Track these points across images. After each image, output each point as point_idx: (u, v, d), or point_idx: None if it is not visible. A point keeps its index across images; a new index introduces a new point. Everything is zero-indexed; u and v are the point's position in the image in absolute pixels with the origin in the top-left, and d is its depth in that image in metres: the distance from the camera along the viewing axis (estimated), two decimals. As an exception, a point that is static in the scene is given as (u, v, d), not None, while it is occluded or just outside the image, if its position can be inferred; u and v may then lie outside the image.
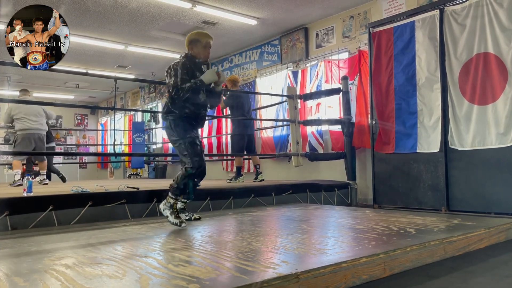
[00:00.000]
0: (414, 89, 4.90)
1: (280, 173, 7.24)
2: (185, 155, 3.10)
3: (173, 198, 3.11)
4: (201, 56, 3.22)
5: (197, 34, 3.24)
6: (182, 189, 3.11)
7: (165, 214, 3.10)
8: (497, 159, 4.16)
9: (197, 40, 3.20)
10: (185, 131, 3.14)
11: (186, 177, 3.09)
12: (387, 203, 5.13)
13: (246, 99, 6.02)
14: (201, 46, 3.20)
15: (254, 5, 6.29)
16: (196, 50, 3.21)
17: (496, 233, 2.76)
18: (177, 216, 3.06)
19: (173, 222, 3.04)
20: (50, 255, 2.13)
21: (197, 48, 3.21)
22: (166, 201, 3.13)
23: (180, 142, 3.14)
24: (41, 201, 3.24)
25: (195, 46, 3.21)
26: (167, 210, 3.10)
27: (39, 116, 6.09)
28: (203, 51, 3.22)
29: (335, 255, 1.97)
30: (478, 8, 4.33)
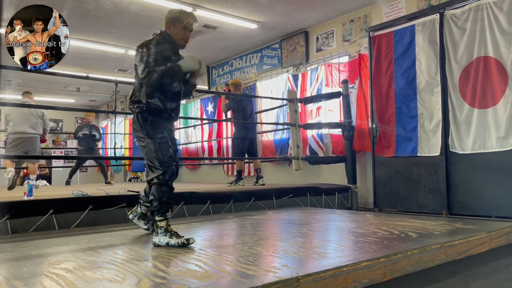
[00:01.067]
0: (414, 92, 4.91)
1: (280, 177, 7.24)
2: (154, 159, 2.55)
3: (163, 220, 2.50)
4: (179, 38, 2.74)
5: (178, 12, 2.77)
6: (166, 202, 2.53)
7: (164, 244, 2.45)
8: (498, 162, 4.15)
9: (178, 18, 2.72)
10: (155, 129, 2.60)
11: (162, 186, 2.53)
12: (388, 207, 5.12)
13: (248, 102, 6.02)
14: (181, 26, 2.72)
15: (255, 9, 6.31)
16: (175, 31, 2.72)
17: (497, 237, 2.75)
18: (177, 235, 2.47)
19: (179, 244, 2.42)
20: (50, 259, 2.13)
21: (176, 28, 2.72)
22: (157, 230, 2.50)
23: (147, 142, 2.58)
24: (41, 204, 3.24)
25: (173, 25, 2.73)
26: (163, 237, 2.46)
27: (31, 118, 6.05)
28: (182, 33, 2.74)
29: (336, 259, 1.96)
30: (478, 12, 4.34)
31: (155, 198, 2.52)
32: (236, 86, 6.01)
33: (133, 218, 3.00)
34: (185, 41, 2.78)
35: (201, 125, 9.38)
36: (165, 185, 2.54)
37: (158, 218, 2.50)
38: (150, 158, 2.56)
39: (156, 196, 2.52)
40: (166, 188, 2.55)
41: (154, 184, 2.54)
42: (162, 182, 2.53)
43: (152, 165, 2.56)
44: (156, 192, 2.52)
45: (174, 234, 2.47)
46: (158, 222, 2.50)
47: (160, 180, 2.53)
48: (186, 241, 2.42)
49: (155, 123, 2.61)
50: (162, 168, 2.53)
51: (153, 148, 2.56)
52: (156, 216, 2.51)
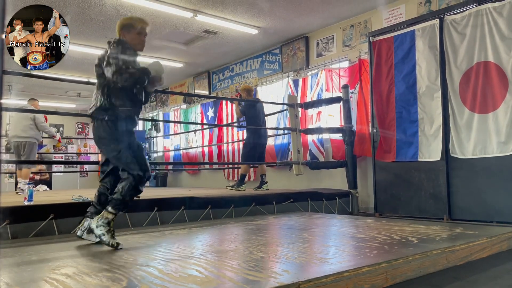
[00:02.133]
0: (414, 97, 4.91)
1: (281, 182, 7.23)
2: (134, 163, 2.59)
3: (113, 213, 2.56)
4: (135, 43, 2.78)
5: (130, 19, 2.82)
6: (127, 202, 2.60)
7: (98, 233, 2.52)
8: (499, 167, 4.15)
9: (130, 25, 2.78)
10: (128, 134, 2.67)
11: (135, 187, 2.59)
12: (389, 212, 5.11)
13: (261, 108, 6.02)
14: (135, 32, 2.78)
15: (255, 14, 6.34)
16: (130, 36, 2.77)
17: (498, 242, 2.74)
18: (113, 236, 2.54)
19: (108, 242, 2.50)
20: (50, 264, 2.13)
21: (131, 34, 2.77)
22: (102, 216, 2.55)
23: (121, 149, 2.61)
24: (41, 210, 3.24)
25: (128, 32, 2.78)
26: (102, 227, 2.52)
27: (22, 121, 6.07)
28: (137, 38, 2.79)
29: (337, 264, 1.96)
30: (477, 17, 4.35)
31: (121, 193, 2.57)
32: (248, 91, 6.02)
33: (81, 234, 2.81)
34: (141, 46, 2.83)
35: (202, 130, 9.39)
36: (137, 189, 2.62)
37: (111, 210, 2.56)
38: (127, 162, 2.61)
39: (123, 192, 2.57)
40: (136, 192, 2.64)
41: (129, 182, 2.58)
42: (137, 184, 2.60)
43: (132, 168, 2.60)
44: (126, 188, 2.57)
45: (111, 232, 2.54)
46: (108, 212, 2.55)
47: (136, 181, 2.59)
48: (116, 244, 2.50)
49: (126, 128, 2.68)
50: (142, 172, 2.60)
51: (129, 153, 2.61)
52: (110, 207, 2.57)
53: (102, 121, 2.65)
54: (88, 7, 5.88)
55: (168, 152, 10.55)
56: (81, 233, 2.82)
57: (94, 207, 2.84)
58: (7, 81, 9.29)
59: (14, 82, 9.54)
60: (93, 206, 2.86)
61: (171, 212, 3.91)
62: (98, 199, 2.84)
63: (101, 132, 2.68)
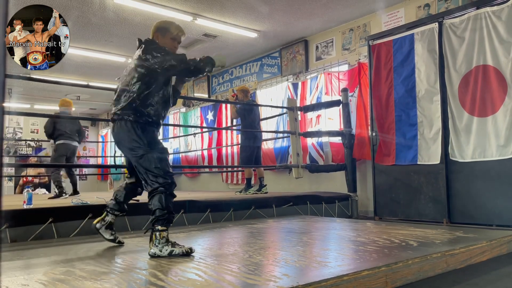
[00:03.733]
0: (414, 101, 4.92)
1: (280, 185, 7.23)
2: (158, 169, 2.48)
3: (165, 230, 2.43)
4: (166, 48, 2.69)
5: (168, 23, 2.76)
6: (171, 211, 2.48)
7: (166, 254, 2.38)
8: (498, 171, 4.15)
9: (167, 29, 2.71)
10: (154, 139, 2.59)
11: (169, 195, 2.49)
12: (388, 215, 5.11)
13: (257, 110, 6.02)
14: (170, 37, 2.72)
15: (255, 18, 6.35)
16: (163, 40, 2.70)
17: (498, 245, 2.74)
18: (178, 245, 2.44)
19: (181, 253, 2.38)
20: (49, 267, 2.12)
21: (165, 38, 2.70)
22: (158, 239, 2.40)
23: (146, 153, 2.50)
24: (40, 213, 3.23)
25: (163, 35, 2.71)
26: (166, 247, 2.39)
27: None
28: (170, 43, 2.72)
29: (337, 268, 1.96)
30: (476, 21, 4.37)
31: (162, 207, 2.42)
32: (244, 92, 5.95)
33: (100, 227, 2.76)
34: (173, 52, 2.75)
35: (201, 133, 9.39)
36: (171, 195, 2.50)
37: (161, 228, 2.40)
38: (151, 168, 2.48)
39: (164, 205, 2.43)
40: (172, 197, 2.51)
41: (160, 193, 2.45)
42: (170, 191, 2.48)
43: (156, 174, 2.47)
44: (163, 202, 2.44)
45: (175, 243, 2.43)
46: (161, 231, 2.40)
47: (167, 189, 2.47)
48: (189, 250, 2.39)
49: (153, 132, 2.61)
50: (168, 177, 2.49)
51: (155, 158, 2.49)
52: (159, 226, 2.41)
53: (120, 122, 2.56)
54: (88, 10, 5.89)
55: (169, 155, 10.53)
56: (100, 226, 2.76)
57: (116, 204, 2.79)
58: (7, 84, 9.29)
59: (14, 85, 9.54)
60: (115, 203, 2.79)
61: (170, 215, 3.89)
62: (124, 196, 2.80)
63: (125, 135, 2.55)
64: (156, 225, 2.42)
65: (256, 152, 5.84)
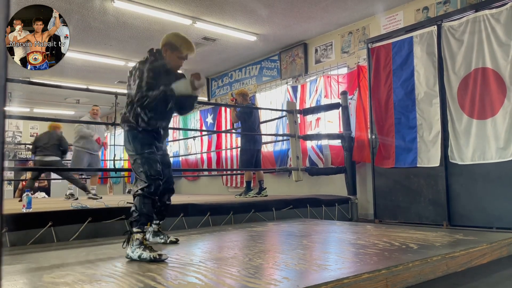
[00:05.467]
0: (413, 103, 4.93)
1: (280, 188, 7.22)
2: (141, 172, 2.58)
3: (140, 232, 2.47)
4: (172, 64, 2.75)
5: (179, 39, 2.75)
6: (146, 214, 2.53)
7: (136, 256, 2.39)
8: (498, 173, 4.15)
9: (177, 48, 2.73)
10: (143, 146, 2.66)
11: (145, 198, 2.55)
12: (388, 218, 5.10)
13: (256, 113, 6.02)
14: (177, 55, 2.74)
15: (254, 21, 6.37)
16: (170, 56, 2.74)
17: (498, 248, 2.74)
18: (151, 249, 2.41)
19: (150, 258, 2.34)
20: (49, 272, 2.11)
21: (173, 54, 2.74)
22: (132, 241, 2.44)
23: (136, 158, 2.63)
24: (40, 217, 3.22)
25: (171, 50, 2.74)
26: (137, 249, 2.40)
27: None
28: (176, 61, 2.76)
29: (337, 271, 1.95)
30: (475, 24, 4.38)
31: (136, 209, 2.53)
32: (243, 96, 5.91)
33: (148, 237, 2.95)
34: (176, 69, 2.81)
35: (201, 136, 9.39)
36: (148, 198, 2.56)
37: (136, 230, 2.48)
38: (138, 171, 2.60)
39: (138, 207, 2.53)
40: (149, 200, 2.57)
41: (138, 196, 2.56)
42: (146, 194, 2.55)
43: (140, 178, 2.59)
44: (138, 203, 2.54)
45: (148, 247, 2.43)
46: (134, 233, 2.46)
47: (144, 192, 2.55)
48: (158, 256, 2.35)
49: (143, 140, 2.67)
50: (148, 181, 2.56)
51: (140, 162, 2.61)
52: (134, 228, 2.49)
53: (125, 132, 2.72)
54: (88, 14, 5.90)
55: (167, 159, 10.52)
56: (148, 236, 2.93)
57: None
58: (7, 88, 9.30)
59: (13, 89, 9.54)
60: None
61: (170, 219, 3.89)
62: None
63: (124, 142, 2.74)
64: (132, 226, 2.51)
65: (256, 155, 5.84)
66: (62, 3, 5.45)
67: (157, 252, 2.39)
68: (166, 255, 2.39)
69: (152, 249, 2.43)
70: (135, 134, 2.67)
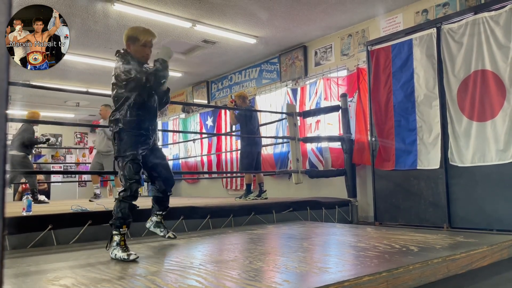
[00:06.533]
0: (413, 106, 4.93)
1: (280, 191, 7.22)
2: (121, 176, 2.68)
3: (117, 234, 2.58)
4: (139, 56, 2.79)
5: (135, 30, 2.82)
6: (121, 217, 2.61)
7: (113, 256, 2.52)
8: (498, 175, 4.15)
9: (136, 38, 2.79)
10: (126, 148, 2.69)
11: (121, 202, 2.64)
12: (388, 220, 5.10)
13: (256, 115, 6.02)
14: (139, 44, 2.79)
15: (254, 24, 6.38)
16: (134, 48, 2.80)
17: (499, 250, 2.73)
18: (124, 250, 2.52)
19: (121, 258, 2.47)
20: (49, 275, 2.11)
21: (135, 46, 2.79)
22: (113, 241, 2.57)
23: (119, 160, 2.70)
24: (40, 220, 3.22)
25: (132, 44, 2.80)
26: (115, 250, 2.53)
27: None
28: (141, 50, 2.80)
29: (337, 273, 1.95)
30: (474, 26, 4.39)
31: (113, 212, 2.64)
32: (243, 98, 5.92)
33: (149, 226, 3.21)
34: (146, 58, 2.85)
35: (201, 139, 9.39)
36: (124, 202, 2.65)
37: (114, 232, 2.60)
38: (120, 174, 2.72)
39: (114, 211, 2.65)
40: (125, 204, 2.65)
41: (117, 199, 2.66)
42: (121, 198, 2.65)
43: (121, 181, 2.70)
44: (115, 207, 2.66)
45: (122, 247, 2.54)
46: (113, 235, 2.59)
47: (120, 195, 2.65)
48: (127, 256, 2.46)
49: (129, 142, 2.70)
50: (125, 185, 2.65)
51: (121, 165, 2.69)
52: (112, 229, 2.61)
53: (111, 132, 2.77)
54: (88, 18, 5.92)
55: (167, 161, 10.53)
56: (149, 225, 3.20)
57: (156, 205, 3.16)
58: (7, 91, 9.31)
59: (14, 92, 9.55)
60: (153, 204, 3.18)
61: (170, 222, 3.89)
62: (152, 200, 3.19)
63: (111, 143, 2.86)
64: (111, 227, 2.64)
65: (256, 158, 5.84)
66: (63, 7, 5.46)
67: (126, 253, 2.50)
68: (135, 255, 2.48)
69: (126, 249, 2.53)
70: (122, 134, 2.71)
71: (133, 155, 2.69)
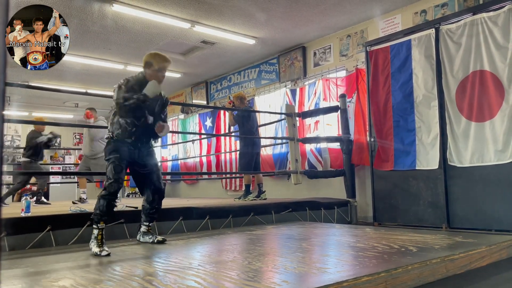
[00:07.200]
0: (411, 106, 4.94)
1: (279, 191, 7.22)
2: (106, 176, 2.96)
3: (95, 229, 2.86)
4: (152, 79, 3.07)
5: (152, 57, 3.12)
6: (99, 214, 2.87)
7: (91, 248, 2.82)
8: (497, 176, 4.16)
9: (151, 63, 3.08)
10: (111, 152, 2.98)
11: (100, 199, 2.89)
12: (387, 221, 5.10)
13: (255, 116, 6.02)
14: (154, 69, 3.08)
15: (253, 25, 6.38)
16: (148, 73, 3.09)
17: (497, 250, 2.74)
18: (98, 245, 2.78)
19: (95, 253, 2.73)
20: (48, 276, 2.11)
21: (150, 71, 3.08)
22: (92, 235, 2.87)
23: (106, 163, 3.01)
24: (39, 221, 3.22)
25: (148, 68, 3.10)
26: (92, 244, 2.82)
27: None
28: (155, 75, 3.08)
29: (336, 274, 1.95)
30: (473, 27, 4.40)
31: (94, 209, 2.90)
32: (241, 99, 5.91)
33: (139, 238, 3.33)
34: (159, 81, 3.10)
35: (200, 140, 9.39)
36: (103, 199, 2.88)
37: (94, 227, 2.88)
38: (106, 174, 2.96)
39: (95, 207, 2.90)
40: (104, 202, 2.87)
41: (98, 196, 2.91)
42: (100, 196, 2.90)
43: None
44: (96, 203, 2.90)
45: (98, 242, 2.80)
46: (93, 230, 2.87)
47: (101, 193, 2.90)
48: (99, 252, 2.72)
49: (114, 147, 2.99)
50: (107, 184, 2.90)
51: (106, 167, 2.97)
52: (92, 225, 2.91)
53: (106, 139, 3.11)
54: (87, 18, 5.91)
55: (166, 162, 10.53)
56: (138, 237, 3.33)
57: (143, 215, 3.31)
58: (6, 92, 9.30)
59: (12, 93, 9.54)
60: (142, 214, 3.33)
61: (169, 222, 3.89)
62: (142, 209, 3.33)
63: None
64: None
65: (255, 158, 5.84)
66: (61, 7, 5.46)
67: (99, 248, 2.75)
68: (106, 252, 2.71)
69: (100, 245, 2.79)
70: (108, 141, 3.04)
71: (115, 158, 2.95)
